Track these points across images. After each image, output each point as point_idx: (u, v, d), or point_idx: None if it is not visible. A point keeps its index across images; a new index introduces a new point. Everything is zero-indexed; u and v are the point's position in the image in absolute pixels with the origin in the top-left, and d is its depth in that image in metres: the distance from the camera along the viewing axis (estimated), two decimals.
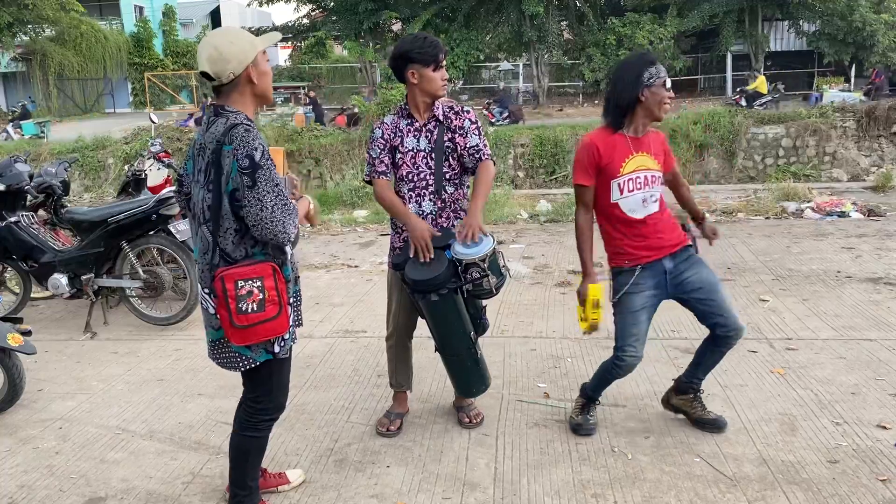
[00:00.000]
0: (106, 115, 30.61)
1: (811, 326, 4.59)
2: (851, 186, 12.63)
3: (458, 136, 3.13)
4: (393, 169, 3.19)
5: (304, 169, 15.03)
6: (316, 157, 15.32)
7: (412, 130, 3.15)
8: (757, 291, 5.38)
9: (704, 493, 2.78)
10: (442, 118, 3.14)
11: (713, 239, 3.33)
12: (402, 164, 3.16)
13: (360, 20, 24.02)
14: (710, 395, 3.62)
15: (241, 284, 2.32)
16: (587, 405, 3.31)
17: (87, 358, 4.63)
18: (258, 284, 2.34)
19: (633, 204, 2.99)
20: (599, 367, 3.26)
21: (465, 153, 3.14)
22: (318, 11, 26.92)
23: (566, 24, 25.41)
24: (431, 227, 3.05)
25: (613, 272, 3.11)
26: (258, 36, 2.49)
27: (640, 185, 2.97)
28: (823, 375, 3.81)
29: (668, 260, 3.04)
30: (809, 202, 9.10)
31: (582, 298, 3.05)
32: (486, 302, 3.30)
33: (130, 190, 6.76)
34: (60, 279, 5.15)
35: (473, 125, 3.17)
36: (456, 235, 3.05)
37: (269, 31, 25.80)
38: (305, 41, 26.84)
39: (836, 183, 13.93)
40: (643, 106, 2.91)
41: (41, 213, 5.89)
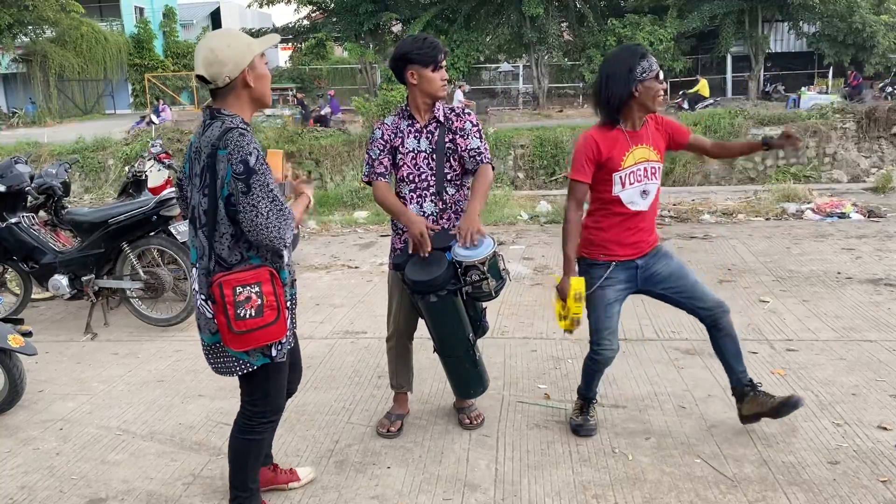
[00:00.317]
0: (106, 116, 30.63)
1: (811, 327, 4.59)
2: (852, 187, 12.62)
3: (458, 137, 3.14)
4: (393, 170, 3.20)
5: (304, 170, 15.03)
6: (316, 158, 15.33)
7: (413, 131, 3.15)
8: (757, 292, 5.38)
9: (705, 494, 2.78)
10: (443, 119, 3.15)
11: (796, 140, 3.04)
12: (402, 164, 3.16)
13: (360, 21, 24.05)
14: (710, 396, 3.63)
15: (239, 290, 2.31)
16: (585, 405, 3.32)
17: (87, 359, 4.63)
18: (256, 290, 2.32)
19: (633, 196, 2.99)
20: (583, 364, 3.27)
21: (465, 154, 3.14)
22: (318, 13, 26.95)
23: (566, 25, 25.43)
24: (428, 222, 3.06)
25: (586, 263, 3.11)
26: (257, 38, 2.47)
27: (640, 177, 2.98)
28: (824, 376, 3.82)
29: (640, 258, 3.07)
30: (810, 203, 9.09)
31: (563, 294, 3.03)
32: (486, 303, 3.30)
33: (131, 191, 6.77)
34: (61, 280, 5.15)
35: (474, 127, 3.18)
36: (456, 237, 3.06)
37: (268, 32, 25.81)
38: (305, 42, 26.85)
39: (836, 184, 13.93)
40: (637, 101, 2.89)
41: (42, 214, 5.91)
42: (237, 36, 2.39)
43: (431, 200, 3.15)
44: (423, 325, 3.24)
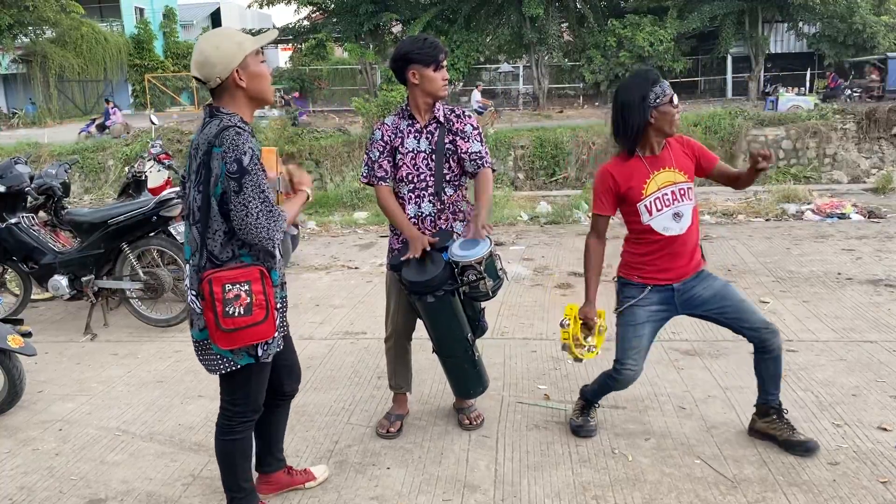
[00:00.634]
0: None
1: (811, 328, 4.58)
2: (852, 188, 12.62)
3: (459, 139, 3.14)
4: (393, 170, 3.20)
5: (305, 168, 15.04)
6: (316, 158, 15.31)
7: (413, 132, 3.16)
8: (757, 293, 5.38)
9: (705, 494, 2.77)
10: (443, 120, 3.15)
11: (762, 158, 2.77)
12: (401, 164, 3.16)
13: (360, 22, 24.04)
14: (710, 397, 3.62)
15: (228, 288, 2.30)
16: (587, 407, 3.31)
17: (87, 359, 4.62)
18: (246, 288, 2.32)
19: (664, 221, 2.92)
20: (600, 375, 3.24)
21: (465, 158, 3.15)
22: (318, 13, 26.94)
23: (566, 25, 25.41)
24: (429, 237, 3.06)
25: (620, 282, 3.08)
26: (256, 36, 2.46)
27: (668, 202, 2.90)
28: (824, 377, 3.81)
29: (678, 282, 3.00)
30: (810, 204, 9.10)
31: (587, 320, 3.04)
32: (485, 304, 3.30)
33: (131, 191, 6.77)
34: (61, 281, 5.15)
35: (475, 131, 3.18)
36: (453, 237, 3.07)
37: (268, 30, 25.72)
38: (306, 43, 26.83)
39: (836, 185, 13.93)
40: (653, 127, 2.85)
41: (41, 214, 5.90)
42: (228, 36, 2.38)
43: (430, 201, 3.15)
44: (422, 325, 3.24)
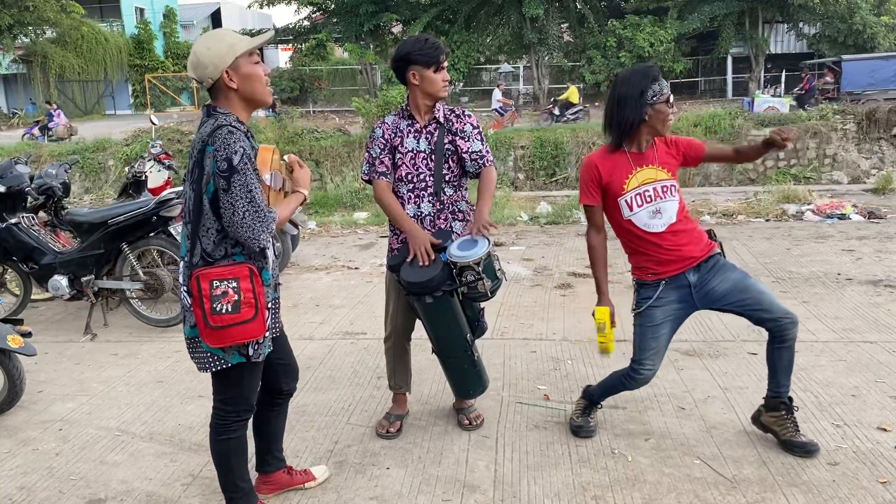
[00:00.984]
0: (106, 116, 30.62)
1: (811, 328, 4.58)
2: (852, 189, 12.63)
3: (458, 139, 3.14)
4: (392, 169, 3.20)
5: (306, 168, 15.04)
6: (316, 158, 15.32)
7: (412, 131, 3.16)
8: None
9: (704, 495, 2.77)
10: (443, 120, 3.15)
11: (788, 137, 2.78)
12: (401, 164, 3.16)
13: (360, 22, 24.03)
14: (709, 397, 3.62)
15: (216, 284, 2.31)
16: (588, 408, 3.31)
17: (87, 360, 4.63)
18: (234, 285, 2.32)
19: (644, 217, 2.92)
20: (611, 375, 3.22)
21: (466, 157, 3.15)
22: (318, 14, 26.93)
23: (566, 26, 25.41)
24: (430, 235, 3.06)
25: (637, 284, 3.07)
26: (252, 38, 2.47)
27: (649, 198, 2.91)
28: (823, 377, 3.81)
29: (691, 273, 2.95)
30: (810, 204, 9.10)
31: (599, 322, 3.03)
32: (485, 304, 3.30)
33: (131, 191, 6.78)
34: (61, 281, 5.15)
35: (475, 130, 3.18)
36: (452, 237, 3.07)
37: (265, 31, 25.73)
38: (306, 43, 26.84)
39: (836, 185, 13.93)
40: (647, 124, 2.85)
41: (41, 214, 5.91)
42: (221, 37, 2.39)
43: (429, 201, 3.15)
44: (421, 325, 3.24)
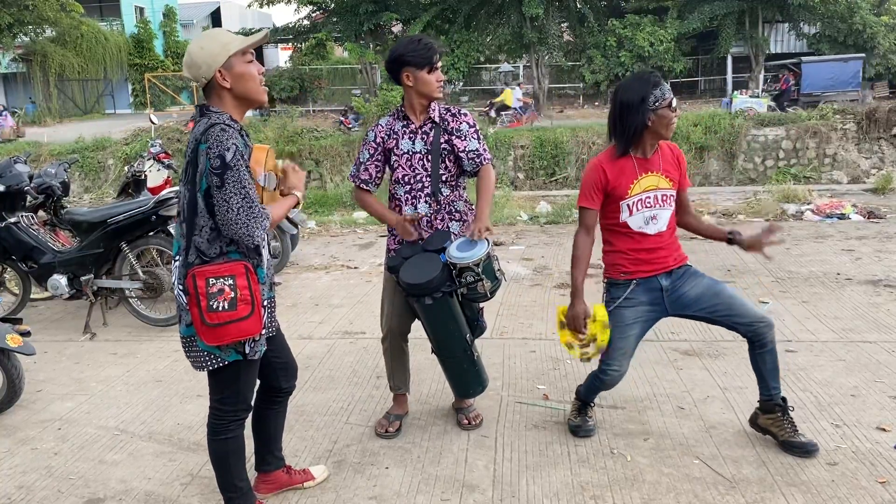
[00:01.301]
0: (106, 115, 30.61)
1: (811, 328, 4.58)
2: (851, 188, 12.65)
3: (455, 138, 3.14)
4: (389, 171, 3.20)
5: (303, 170, 15.07)
6: (316, 158, 15.33)
7: (408, 132, 3.15)
8: (756, 293, 5.38)
9: (703, 495, 2.77)
10: (438, 120, 3.14)
11: (772, 239, 2.99)
12: (397, 166, 3.15)
13: (360, 22, 24.01)
14: (709, 397, 3.62)
15: (212, 282, 2.31)
16: (583, 407, 3.31)
17: (86, 359, 4.62)
18: (230, 283, 2.32)
19: (639, 221, 2.95)
20: (590, 373, 3.25)
21: (463, 156, 3.14)
22: (318, 13, 26.91)
23: (566, 25, 25.40)
24: (429, 236, 3.10)
25: (608, 283, 3.09)
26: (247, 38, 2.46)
27: (648, 204, 2.94)
28: (823, 377, 3.81)
29: (664, 277, 2.99)
30: (809, 204, 9.11)
31: (575, 323, 3.00)
32: (484, 304, 3.30)
33: (130, 191, 6.78)
34: (60, 280, 5.15)
35: (472, 128, 3.17)
36: (451, 238, 3.07)
37: (268, 31, 25.69)
38: (306, 43, 26.82)
39: (836, 185, 13.95)
40: (650, 130, 2.86)
41: (41, 213, 5.90)
42: (215, 37, 2.39)
43: (426, 202, 3.15)
44: (420, 325, 3.23)
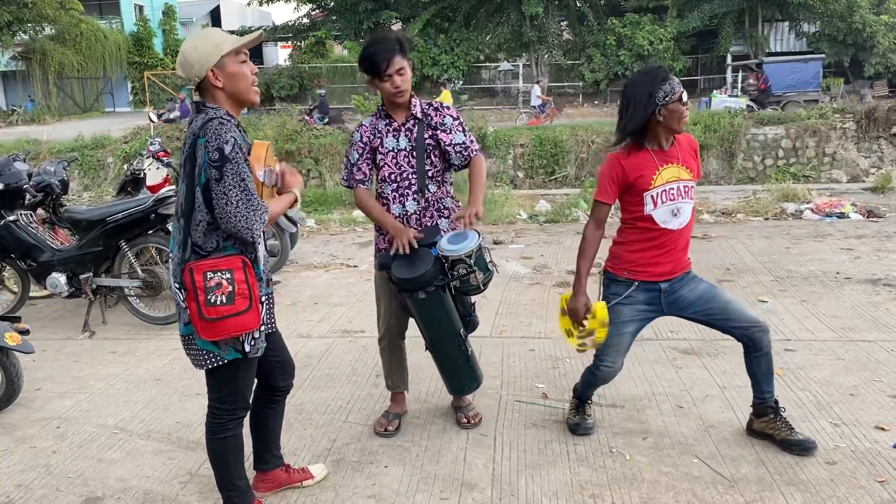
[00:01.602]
0: (105, 114, 30.60)
1: (810, 327, 4.59)
2: (851, 187, 12.65)
3: (440, 132, 3.12)
4: (375, 170, 3.19)
5: (303, 168, 15.03)
6: (315, 156, 15.31)
7: (391, 130, 3.14)
8: (756, 292, 5.38)
9: (702, 494, 2.77)
10: (421, 116, 3.12)
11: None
12: (383, 165, 3.14)
13: (359, 20, 24.04)
14: (708, 396, 3.62)
15: (209, 276, 2.30)
16: (580, 405, 3.31)
17: (85, 357, 4.62)
18: (227, 276, 2.32)
19: (664, 214, 2.92)
20: (585, 369, 3.25)
21: (451, 150, 3.12)
22: (317, 11, 26.94)
23: (566, 24, 25.43)
24: (415, 231, 3.05)
25: (608, 277, 3.08)
26: (241, 37, 2.46)
27: (672, 196, 2.91)
28: (822, 377, 3.81)
29: (664, 281, 2.99)
30: (809, 203, 9.11)
31: (576, 314, 3.01)
32: (480, 301, 3.29)
33: (129, 189, 6.77)
34: (59, 278, 5.15)
35: (456, 121, 3.15)
36: (440, 233, 3.06)
37: (267, 30, 25.73)
38: (305, 41, 26.84)
39: (835, 184, 13.95)
40: (662, 125, 2.85)
41: (40, 212, 5.90)
42: (208, 36, 2.39)
43: (413, 199, 3.13)
44: (415, 323, 3.23)
